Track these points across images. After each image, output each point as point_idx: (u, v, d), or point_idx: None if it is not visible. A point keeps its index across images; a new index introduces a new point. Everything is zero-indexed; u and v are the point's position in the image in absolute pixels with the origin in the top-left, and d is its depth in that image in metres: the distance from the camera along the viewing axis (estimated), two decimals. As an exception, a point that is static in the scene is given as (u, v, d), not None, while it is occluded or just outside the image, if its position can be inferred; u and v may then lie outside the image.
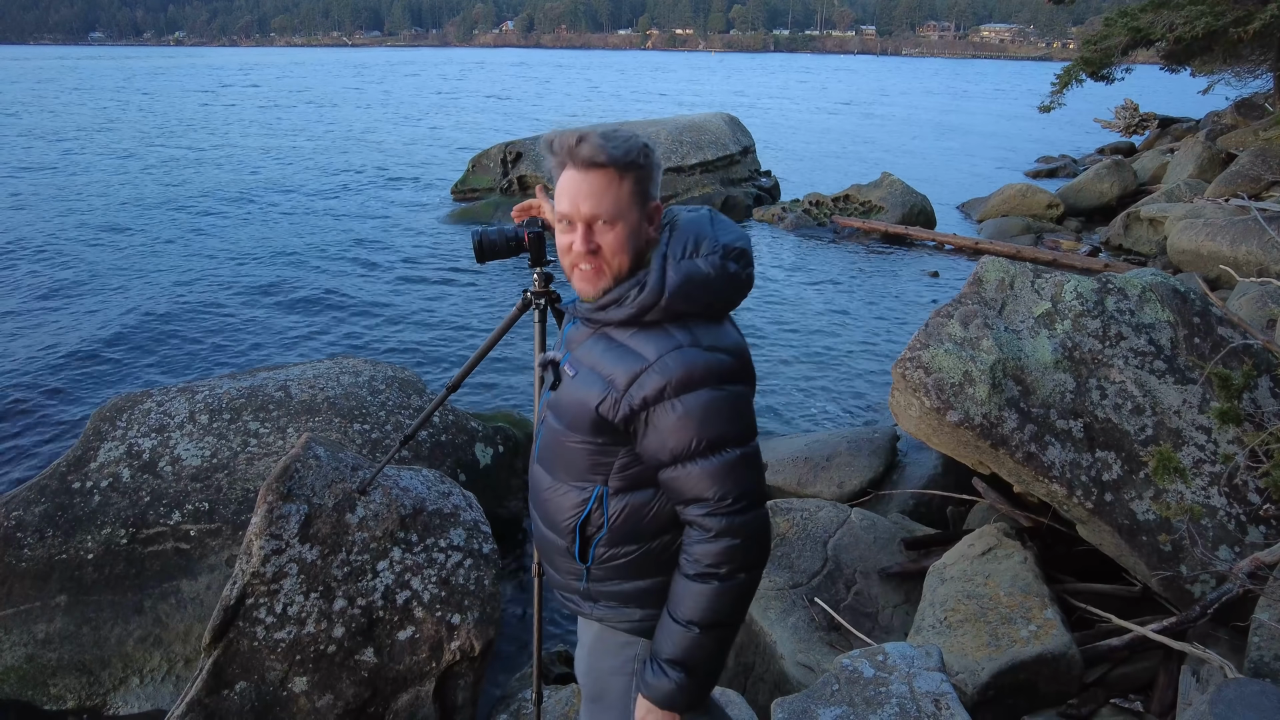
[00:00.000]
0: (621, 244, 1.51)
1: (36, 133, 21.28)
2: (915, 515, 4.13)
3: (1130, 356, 3.33)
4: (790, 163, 18.84)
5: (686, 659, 1.54)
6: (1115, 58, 14.48)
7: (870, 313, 8.75)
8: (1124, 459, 3.12)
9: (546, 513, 1.67)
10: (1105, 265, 9.44)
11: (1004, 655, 2.75)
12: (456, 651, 2.67)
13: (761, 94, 43.06)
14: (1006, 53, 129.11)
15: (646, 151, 1.51)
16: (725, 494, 1.48)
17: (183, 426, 3.75)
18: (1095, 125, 24.00)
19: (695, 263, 1.52)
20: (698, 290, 1.51)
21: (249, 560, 2.64)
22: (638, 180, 1.51)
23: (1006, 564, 3.18)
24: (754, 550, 1.53)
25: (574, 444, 1.58)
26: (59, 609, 3.20)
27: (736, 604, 1.54)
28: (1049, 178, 17.92)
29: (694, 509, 1.51)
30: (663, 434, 1.48)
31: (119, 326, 7.50)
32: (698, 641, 1.53)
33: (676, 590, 1.55)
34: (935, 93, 48.00)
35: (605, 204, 1.50)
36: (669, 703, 1.56)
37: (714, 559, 1.49)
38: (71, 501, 3.43)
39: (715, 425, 1.47)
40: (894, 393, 3.43)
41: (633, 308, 1.51)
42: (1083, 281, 3.52)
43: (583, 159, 1.49)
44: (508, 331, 2.45)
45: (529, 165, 12.53)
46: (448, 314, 8.31)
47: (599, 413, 1.51)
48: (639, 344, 1.51)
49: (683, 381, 1.46)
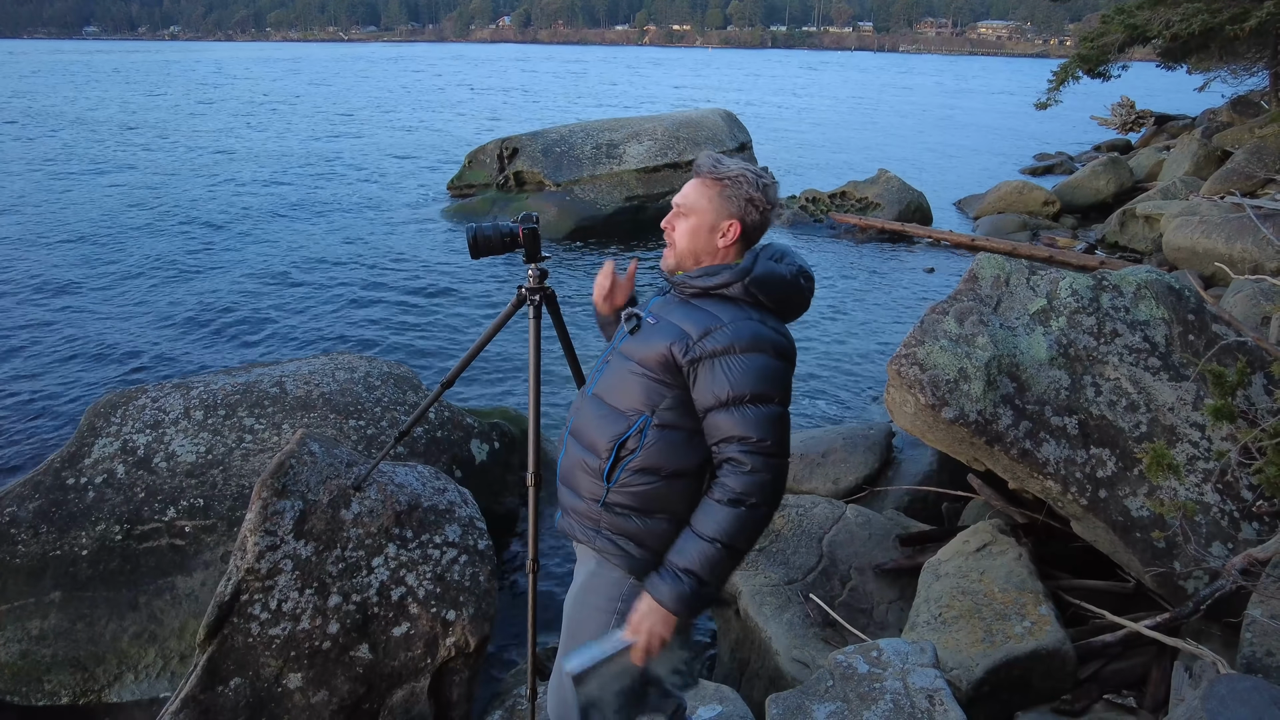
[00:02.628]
0: (686, 231, 1.91)
1: (24, 125, 21.18)
2: (910, 512, 4.13)
3: (1125, 354, 3.33)
4: (787, 159, 18.82)
5: (701, 569, 1.75)
6: (1112, 55, 14.51)
7: (866, 309, 8.75)
8: (1118, 456, 3.13)
9: (590, 435, 1.91)
10: (1101, 262, 9.46)
11: (998, 651, 2.76)
12: (452, 648, 2.67)
13: (758, 90, 43.00)
14: (1004, 49, 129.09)
15: (737, 178, 1.87)
16: (764, 437, 1.76)
17: (177, 422, 3.74)
18: (1092, 122, 24.04)
19: (777, 265, 1.89)
20: (774, 284, 1.87)
21: (244, 556, 2.64)
22: (719, 193, 1.88)
23: (1001, 560, 3.19)
24: (778, 489, 1.79)
25: (637, 376, 1.87)
26: (53, 605, 3.20)
27: (754, 532, 1.78)
28: (1045, 175, 17.94)
29: (734, 446, 1.77)
30: (719, 381, 1.77)
31: (113, 322, 7.48)
32: (717, 556, 1.75)
33: (704, 513, 1.78)
34: (932, 89, 47.97)
35: (688, 199, 1.92)
36: (676, 604, 1.76)
37: (746, 489, 1.74)
38: (66, 498, 3.42)
39: (765, 384, 1.77)
40: (889, 389, 3.43)
41: (721, 278, 1.86)
42: (1078, 279, 3.53)
43: (695, 169, 1.94)
44: (502, 328, 2.45)
45: (525, 161, 12.50)
46: (443, 310, 8.30)
47: (670, 352, 1.81)
48: (717, 309, 1.84)
49: (746, 344, 1.78)
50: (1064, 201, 13.25)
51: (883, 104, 37.08)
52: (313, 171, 15.77)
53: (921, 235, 11.70)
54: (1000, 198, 13.37)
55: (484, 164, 13.28)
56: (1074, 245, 10.81)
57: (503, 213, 11.72)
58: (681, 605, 1.76)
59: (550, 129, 13.32)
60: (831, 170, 17.47)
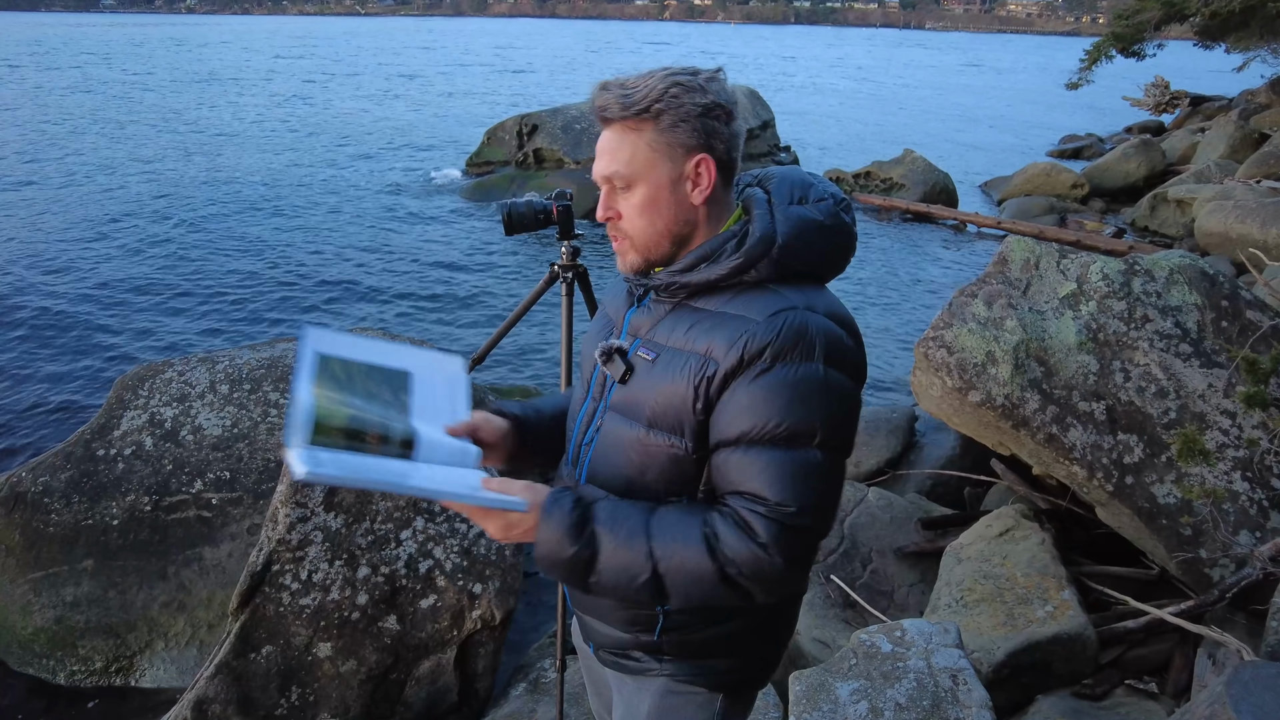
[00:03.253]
0: (639, 210, 1.27)
1: (46, 102, 21.36)
2: (932, 496, 4.16)
3: (1155, 339, 3.33)
4: (810, 138, 18.70)
5: (604, 553, 1.20)
6: (1147, 33, 14.26)
7: (889, 291, 8.73)
8: (1146, 442, 3.14)
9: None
10: (1130, 247, 9.36)
11: (1020, 635, 2.79)
12: (477, 620, 2.73)
13: (781, 67, 42.59)
14: (1034, 27, 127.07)
15: (674, 93, 1.22)
16: (790, 500, 1.16)
17: (204, 396, 3.82)
18: (1124, 103, 23.65)
19: (805, 209, 1.27)
20: (814, 239, 1.26)
21: (275, 527, 2.71)
22: (660, 131, 1.23)
23: (1024, 545, 3.21)
24: (785, 588, 1.22)
25: (658, 447, 1.26)
26: (86, 573, 3.29)
27: (699, 597, 1.21)
28: (1074, 157, 17.70)
29: (743, 503, 1.19)
30: (739, 404, 1.19)
31: (139, 295, 7.60)
32: (636, 565, 1.19)
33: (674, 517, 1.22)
34: (959, 68, 47.34)
35: (617, 162, 1.26)
36: (548, 520, 1.21)
37: (743, 565, 1.17)
38: (96, 469, 3.51)
39: (807, 411, 1.17)
40: (915, 372, 3.45)
41: (732, 263, 1.24)
42: (1109, 263, 3.52)
43: (597, 112, 1.27)
44: (533, 305, 2.49)
45: (545, 138, 12.50)
46: (466, 287, 8.37)
47: (696, 398, 1.22)
48: (740, 308, 1.23)
49: (788, 346, 1.17)
50: (1093, 184, 13.09)
51: (908, 82, 36.64)
52: (331, 148, 15.85)
53: (947, 217, 11.61)
54: (1027, 180, 13.23)
55: (503, 141, 13.29)
56: (1102, 229, 10.70)
57: (522, 190, 11.74)
58: (545, 529, 1.20)
59: (570, 105, 13.29)
60: (856, 150, 17.35)
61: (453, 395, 1.39)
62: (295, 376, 1.19)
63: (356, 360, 1.30)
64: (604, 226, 1.33)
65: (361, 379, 1.29)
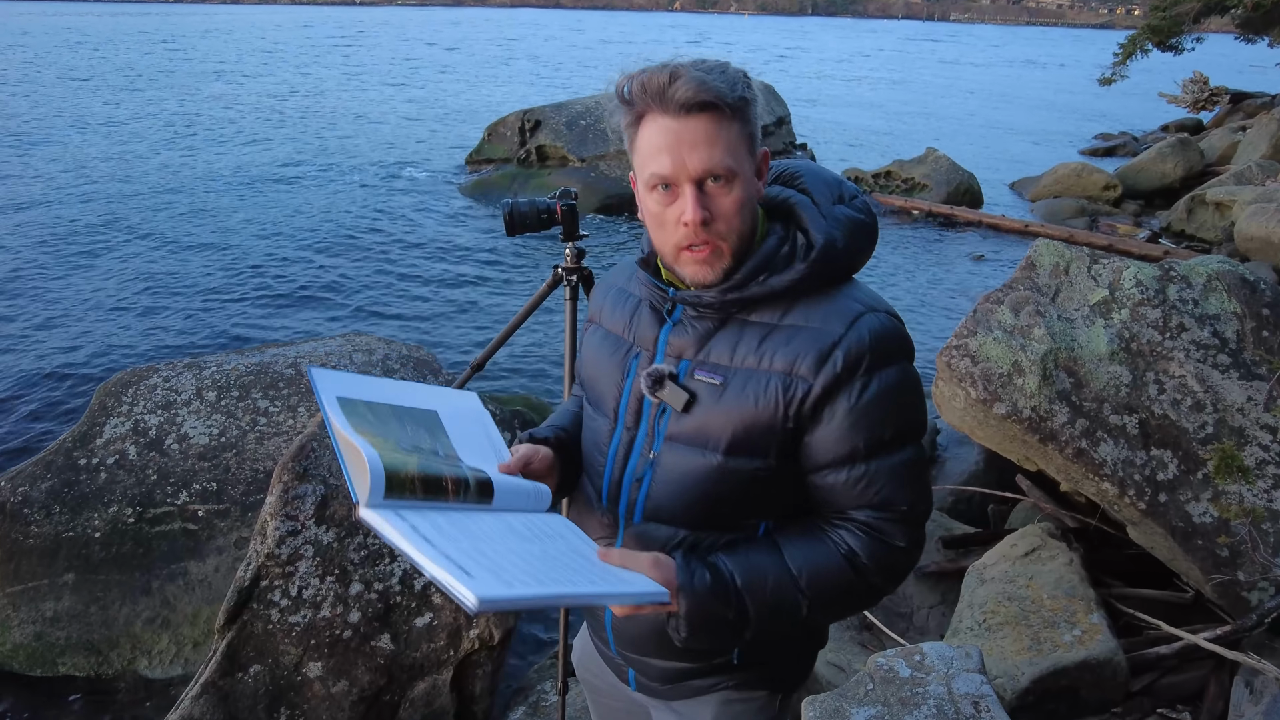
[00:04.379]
0: (740, 206, 1.22)
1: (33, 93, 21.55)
2: (954, 513, 4.16)
3: (1192, 349, 3.33)
4: (828, 135, 18.74)
5: (752, 599, 1.21)
6: (1185, 25, 14.26)
7: (911, 297, 8.74)
8: (1181, 458, 3.14)
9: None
10: (1165, 252, 9.36)
11: (1045, 659, 2.79)
12: (475, 640, 2.75)
13: (797, 61, 42.70)
14: (1064, 19, 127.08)
15: (749, 82, 1.23)
16: (916, 501, 1.25)
17: (190, 403, 3.85)
18: (1159, 100, 23.62)
19: (848, 209, 1.30)
20: (863, 240, 1.30)
21: (263, 541, 2.73)
22: (745, 122, 1.21)
23: (1050, 566, 3.22)
24: (907, 572, 1.30)
25: (740, 472, 1.26)
26: (67, 587, 3.33)
27: (842, 609, 1.32)
28: (1107, 156, 17.71)
29: (878, 515, 1.24)
30: (845, 423, 1.21)
31: (124, 299, 7.65)
32: (789, 608, 1.22)
33: (803, 542, 1.25)
34: (985, 62, 47.37)
35: (718, 155, 1.18)
36: (690, 599, 1.17)
37: (876, 561, 1.24)
38: (78, 478, 3.55)
39: (904, 412, 1.24)
40: (938, 382, 3.46)
41: (798, 272, 1.24)
42: (1143, 268, 3.53)
43: (681, 101, 1.17)
44: (535, 310, 2.51)
45: (548, 134, 12.56)
46: (465, 290, 8.41)
47: (786, 419, 1.22)
48: (809, 318, 1.24)
49: (881, 353, 1.21)
50: (1126, 185, 13.08)
51: (931, 77, 36.69)
52: (324, 144, 15.95)
53: (971, 219, 11.62)
54: (1057, 180, 13.24)
55: (504, 137, 13.37)
56: (1136, 233, 10.69)
57: (523, 189, 11.80)
58: (692, 607, 1.17)
59: (574, 100, 13.37)
60: (875, 148, 17.38)
61: (485, 431, 1.36)
62: (329, 424, 1.14)
63: (379, 402, 1.25)
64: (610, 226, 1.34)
65: (394, 422, 1.24)
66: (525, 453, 1.35)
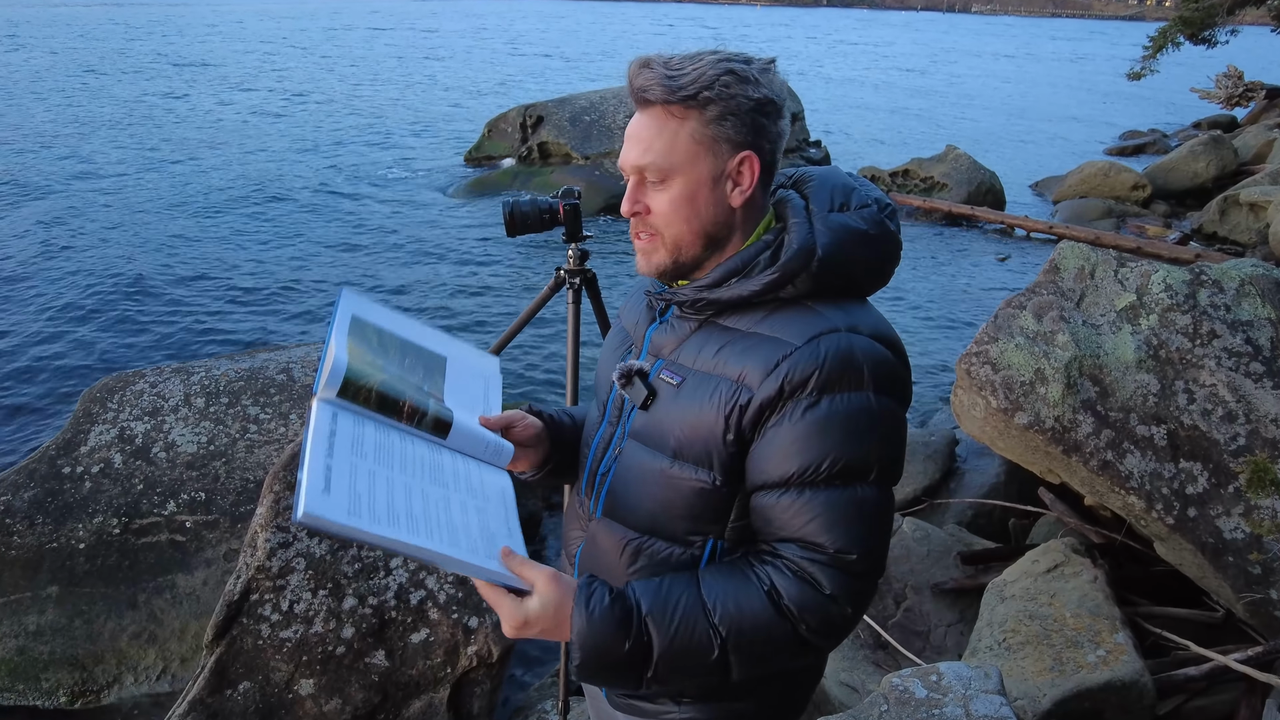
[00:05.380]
0: (675, 207, 1.25)
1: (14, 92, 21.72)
2: (973, 527, 4.17)
3: (1223, 357, 3.34)
4: (843, 132, 18.78)
5: (660, 642, 1.17)
6: (1219, 17, 14.27)
7: (930, 302, 8.75)
8: (1211, 470, 3.14)
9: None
10: (1197, 255, 9.35)
11: (1068, 681, 2.80)
12: (473, 657, 2.77)
13: (811, 54, 42.79)
14: (1091, 11, 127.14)
15: (727, 81, 1.21)
16: (851, 546, 1.19)
17: (177, 410, 3.88)
18: (1191, 95, 23.60)
19: (847, 217, 1.28)
20: (858, 250, 1.27)
21: (254, 553, 2.76)
22: (707, 122, 1.22)
23: (1074, 583, 3.22)
24: (846, 630, 1.24)
25: (684, 481, 1.28)
26: (50, 600, 3.35)
27: (765, 663, 1.22)
28: (1135, 155, 17.70)
29: (800, 553, 1.20)
30: (785, 442, 1.19)
31: (110, 301, 7.70)
32: (702, 647, 1.18)
33: (724, 577, 1.23)
34: (1008, 56, 47.39)
35: (654, 152, 1.24)
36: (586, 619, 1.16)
37: (812, 619, 1.19)
38: (62, 487, 3.58)
39: (859, 445, 1.19)
40: (957, 391, 3.47)
41: (767, 278, 1.24)
42: (1173, 272, 3.53)
43: (634, 93, 1.25)
44: (537, 314, 2.53)
45: (551, 130, 12.61)
46: (462, 294, 8.44)
47: (727, 428, 1.23)
48: (776, 328, 1.24)
49: (834, 375, 1.18)
50: (1156, 185, 13.08)
51: (952, 71, 36.72)
52: (316, 138, 16.03)
53: (993, 220, 11.63)
54: (1083, 180, 13.24)
55: (505, 133, 13.43)
56: (1166, 235, 10.68)
57: (525, 188, 11.85)
58: (584, 629, 1.16)
59: (578, 95, 13.42)
60: (893, 146, 17.40)
61: (486, 391, 1.44)
62: (329, 330, 1.23)
63: (393, 332, 1.34)
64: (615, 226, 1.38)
65: (396, 352, 1.32)
66: (511, 416, 1.44)
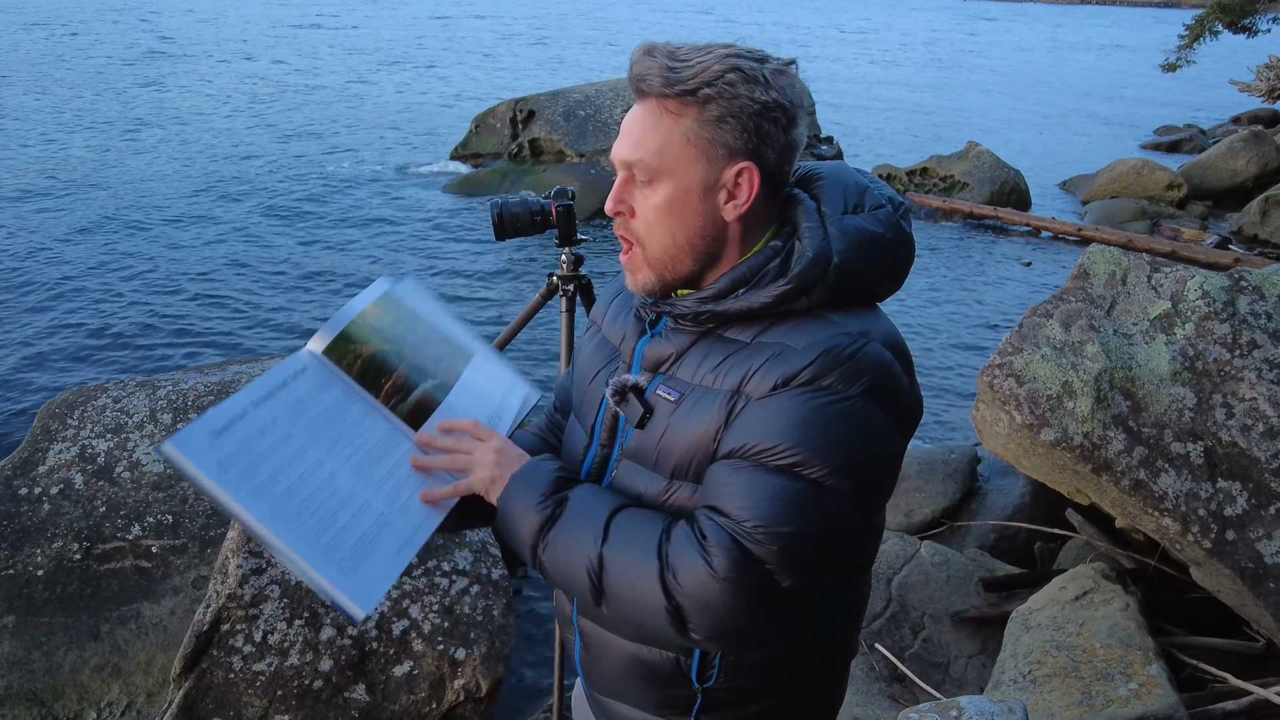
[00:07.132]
0: (659, 214, 1.23)
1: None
2: (996, 551, 4.18)
3: (1265, 369, 3.35)
4: (857, 128, 18.83)
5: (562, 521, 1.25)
6: (1261, 4, 14.31)
7: (950, 309, 8.78)
8: (1251, 490, 3.16)
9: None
10: (1236, 259, 9.38)
11: (1098, 716, 2.81)
12: (461, 691, 2.78)
13: (822, 42, 42.96)
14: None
15: (731, 79, 1.17)
16: (761, 520, 1.13)
17: (142, 426, 3.89)
18: (1231, 88, 23.68)
19: (862, 220, 1.24)
20: (874, 255, 1.24)
21: (224, 580, 2.77)
22: (703, 122, 1.18)
23: (1104, 611, 3.23)
24: (731, 629, 1.18)
25: (683, 500, 1.26)
26: (7, 630, 3.36)
27: (640, 621, 1.23)
28: (1170, 152, 17.78)
29: (708, 513, 1.18)
30: (751, 416, 1.18)
31: (71, 309, 7.71)
32: (585, 545, 1.22)
33: (643, 517, 1.24)
34: (1034, 45, 47.62)
35: (644, 148, 1.21)
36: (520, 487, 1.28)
37: (682, 573, 1.16)
38: (19, 509, 3.59)
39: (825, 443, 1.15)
40: (978, 405, 3.49)
41: (779, 289, 1.21)
42: (1210, 278, 3.55)
43: (633, 81, 1.22)
44: (528, 322, 2.55)
45: (543, 126, 12.66)
46: (451, 298, 8.46)
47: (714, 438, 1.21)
48: (783, 335, 1.21)
49: (825, 369, 1.16)
50: (1192, 185, 13.13)
51: (973, 62, 36.87)
52: (293, 134, 16.07)
53: (1018, 223, 11.67)
54: (1114, 179, 13.29)
55: (494, 129, 13.48)
56: (1203, 238, 10.72)
57: (515, 188, 11.89)
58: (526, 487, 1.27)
59: (573, 88, 13.49)
60: (910, 142, 17.47)
61: (501, 408, 1.44)
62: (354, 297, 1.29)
63: (424, 317, 1.37)
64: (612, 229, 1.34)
65: (422, 332, 1.36)
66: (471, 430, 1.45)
